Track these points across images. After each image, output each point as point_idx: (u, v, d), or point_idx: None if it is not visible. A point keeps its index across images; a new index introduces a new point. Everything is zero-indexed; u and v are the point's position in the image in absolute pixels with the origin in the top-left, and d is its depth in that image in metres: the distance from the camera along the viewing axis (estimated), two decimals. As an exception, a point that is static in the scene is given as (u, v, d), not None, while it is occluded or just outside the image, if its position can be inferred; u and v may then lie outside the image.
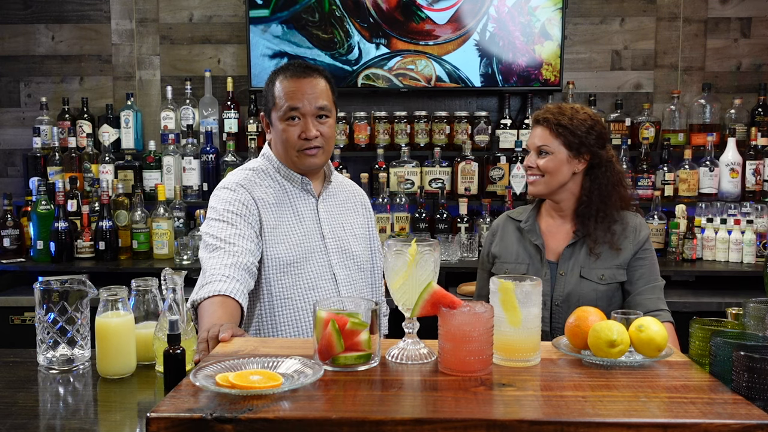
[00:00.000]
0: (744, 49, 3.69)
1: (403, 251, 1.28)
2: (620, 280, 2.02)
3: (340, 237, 1.97)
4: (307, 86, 1.86)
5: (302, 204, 1.95)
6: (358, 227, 2.05)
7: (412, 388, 1.16)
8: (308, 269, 1.89)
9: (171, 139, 3.49)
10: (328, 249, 1.93)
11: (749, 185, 3.43)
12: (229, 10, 3.72)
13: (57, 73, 3.78)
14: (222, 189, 1.92)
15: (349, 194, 2.10)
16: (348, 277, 1.95)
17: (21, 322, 3.08)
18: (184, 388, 1.13)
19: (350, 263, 1.96)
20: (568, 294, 2.01)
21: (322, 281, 1.90)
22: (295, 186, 1.95)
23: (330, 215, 1.98)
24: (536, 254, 2.09)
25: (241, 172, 1.97)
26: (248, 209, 1.86)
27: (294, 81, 1.86)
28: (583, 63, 3.70)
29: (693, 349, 1.31)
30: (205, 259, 1.81)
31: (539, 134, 2.05)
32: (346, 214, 2.04)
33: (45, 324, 1.58)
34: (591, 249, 2.01)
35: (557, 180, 2.03)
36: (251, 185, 1.91)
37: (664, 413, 1.04)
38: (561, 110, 2.05)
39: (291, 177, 1.95)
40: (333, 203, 2.02)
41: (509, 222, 2.19)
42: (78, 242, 3.28)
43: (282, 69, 1.92)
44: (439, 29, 3.50)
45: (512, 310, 1.25)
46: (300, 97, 1.84)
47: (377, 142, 3.54)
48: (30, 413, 1.36)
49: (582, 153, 2.02)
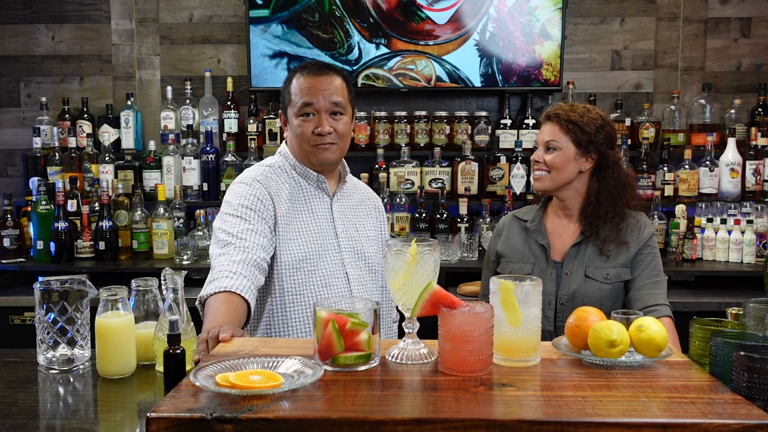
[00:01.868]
0: (744, 49, 3.69)
1: (403, 251, 1.28)
2: (625, 278, 2.03)
3: (353, 237, 1.98)
4: (323, 83, 1.89)
5: (317, 202, 1.96)
6: (371, 229, 2.06)
7: (412, 388, 1.16)
8: (321, 266, 1.89)
9: (171, 139, 3.49)
10: (341, 248, 1.94)
11: (749, 185, 3.43)
12: (229, 10, 3.72)
13: (57, 73, 3.78)
14: (238, 184, 1.94)
15: (363, 197, 2.11)
16: (360, 278, 1.95)
17: (21, 322, 3.07)
18: (184, 388, 1.13)
19: (362, 264, 1.97)
20: (573, 293, 2.02)
21: (334, 279, 1.90)
22: (311, 184, 1.97)
23: (344, 215, 1.99)
24: (542, 254, 2.10)
25: (257, 168, 1.98)
26: (263, 204, 1.87)
27: (310, 78, 1.90)
28: (583, 63, 3.70)
29: (693, 349, 1.31)
30: (215, 255, 1.81)
31: (549, 130, 2.06)
32: (359, 216, 2.05)
33: (45, 324, 1.58)
34: (601, 249, 2.03)
35: (563, 177, 2.04)
36: (267, 180, 1.92)
37: (664, 413, 1.04)
38: (573, 108, 2.06)
39: (307, 174, 1.96)
40: (347, 204, 2.03)
41: (515, 221, 2.20)
42: (78, 242, 3.28)
43: (300, 67, 1.95)
44: (439, 29, 3.50)
45: (512, 310, 1.25)
46: (315, 93, 1.88)
47: (377, 142, 3.54)
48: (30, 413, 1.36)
49: (590, 151, 2.03)
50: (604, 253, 2.03)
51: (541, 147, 2.08)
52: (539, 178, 2.08)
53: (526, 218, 2.18)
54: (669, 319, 1.97)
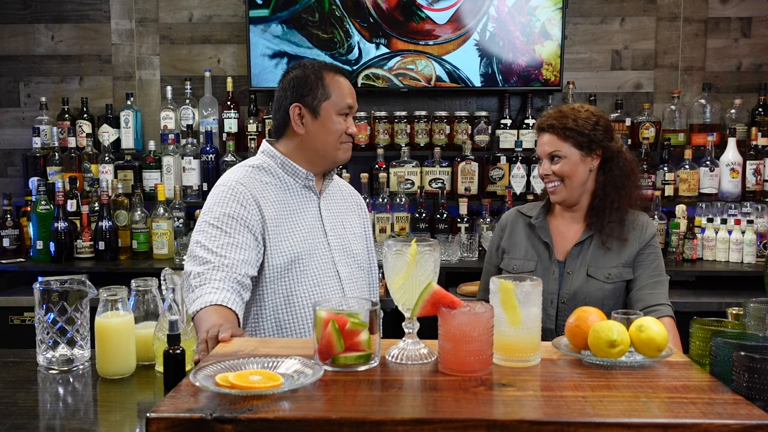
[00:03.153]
0: (744, 48, 3.68)
1: (403, 251, 1.28)
2: (626, 278, 2.03)
3: (342, 235, 1.97)
4: (351, 87, 1.95)
5: (304, 201, 1.95)
6: (356, 226, 2.06)
7: (412, 388, 1.16)
8: (312, 266, 1.88)
9: (171, 139, 3.49)
10: (331, 246, 1.93)
11: (749, 185, 3.43)
12: (229, 10, 3.72)
13: (57, 73, 3.78)
14: (220, 187, 1.89)
15: (346, 194, 2.11)
16: (350, 275, 1.95)
17: (21, 322, 3.07)
18: (184, 388, 1.12)
19: (351, 261, 1.97)
20: (575, 293, 2.02)
21: (326, 278, 1.89)
22: (298, 183, 1.95)
23: (331, 213, 1.99)
24: (545, 252, 2.09)
25: (240, 169, 1.95)
26: (247, 210, 1.83)
27: (344, 80, 1.94)
28: (583, 63, 3.70)
29: (693, 349, 1.31)
30: (193, 274, 1.73)
31: (548, 141, 2.05)
32: (345, 213, 2.04)
33: (45, 324, 1.58)
34: (603, 242, 2.02)
35: (577, 182, 2.04)
36: (251, 182, 1.89)
37: (664, 413, 1.04)
38: (562, 113, 2.05)
39: (296, 172, 1.93)
40: (334, 201, 2.02)
41: (519, 217, 2.19)
42: (78, 242, 3.28)
43: (325, 66, 1.95)
44: (439, 29, 3.50)
45: (512, 310, 1.25)
46: (353, 96, 1.93)
47: (377, 142, 3.54)
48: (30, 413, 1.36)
49: (593, 149, 2.03)
50: (605, 246, 2.02)
51: (545, 159, 2.06)
52: (553, 190, 2.06)
53: (531, 214, 2.17)
54: (670, 319, 1.97)
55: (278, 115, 1.96)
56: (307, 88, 1.90)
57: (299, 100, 1.91)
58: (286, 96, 1.93)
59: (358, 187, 3.43)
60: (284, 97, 1.93)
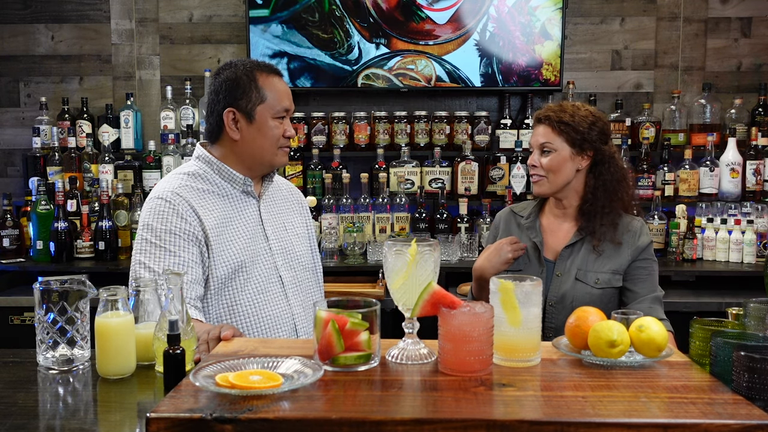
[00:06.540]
0: (744, 48, 3.68)
1: (403, 251, 1.28)
2: (615, 285, 2.01)
3: (283, 237, 1.94)
4: (287, 88, 1.89)
5: (244, 206, 1.90)
6: (299, 226, 2.02)
7: (412, 388, 1.16)
8: (255, 273, 1.84)
9: (171, 139, 3.49)
10: (273, 250, 1.89)
11: (749, 185, 3.43)
12: (229, 10, 3.72)
13: (57, 73, 3.78)
14: (155, 200, 1.81)
15: (285, 193, 2.06)
16: (294, 279, 1.92)
17: (21, 322, 3.07)
18: (184, 388, 1.13)
19: (295, 263, 1.94)
20: (563, 295, 2.01)
21: (269, 284, 1.86)
22: (236, 188, 1.89)
23: (272, 216, 1.95)
24: (534, 252, 2.09)
25: (175, 178, 1.87)
26: (187, 222, 1.78)
27: (279, 80, 1.88)
28: (583, 63, 3.70)
29: (693, 349, 1.31)
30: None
31: (542, 132, 2.05)
32: (286, 214, 2.00)
33: (45, 324, 1.58)
34: (595, 246, 2.01)
35: (561, 178, 2.03)
36: (188, 192, 1.82)
37: (664, 413, 1.04)
38: (562, 108, 2.05)
39: (233, 178, 1.88)
40: (273, 203, 1.98)
41: (512, 216, 2.20)
42: (78, 242, 3.28)
43: (258, 66, 1.86)
44: (439, 29, 3.50)
45: (512, 310, 1.25)
46: (290, 97, 1.88)
47: (377, 142, 3.54)
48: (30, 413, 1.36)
49: (585, 149, 2.02)
50: (597, 251, 2.01)
51: (536, 150, 2.06)
52: (537, 182, 2.06)
53: (523, 213, 2.17)
54: (670, 334, 1.97)
55: (211, 120, 1.88)
56: (240, 91, 1.82)
57: (233, 104, 1.83)
58: (219, 100, 1.84)
59: (358, 187, 3.45)
60: (216, 101, 1.85)
